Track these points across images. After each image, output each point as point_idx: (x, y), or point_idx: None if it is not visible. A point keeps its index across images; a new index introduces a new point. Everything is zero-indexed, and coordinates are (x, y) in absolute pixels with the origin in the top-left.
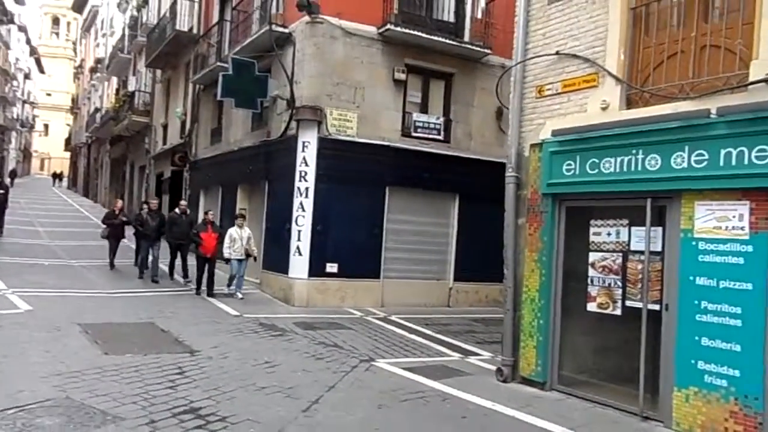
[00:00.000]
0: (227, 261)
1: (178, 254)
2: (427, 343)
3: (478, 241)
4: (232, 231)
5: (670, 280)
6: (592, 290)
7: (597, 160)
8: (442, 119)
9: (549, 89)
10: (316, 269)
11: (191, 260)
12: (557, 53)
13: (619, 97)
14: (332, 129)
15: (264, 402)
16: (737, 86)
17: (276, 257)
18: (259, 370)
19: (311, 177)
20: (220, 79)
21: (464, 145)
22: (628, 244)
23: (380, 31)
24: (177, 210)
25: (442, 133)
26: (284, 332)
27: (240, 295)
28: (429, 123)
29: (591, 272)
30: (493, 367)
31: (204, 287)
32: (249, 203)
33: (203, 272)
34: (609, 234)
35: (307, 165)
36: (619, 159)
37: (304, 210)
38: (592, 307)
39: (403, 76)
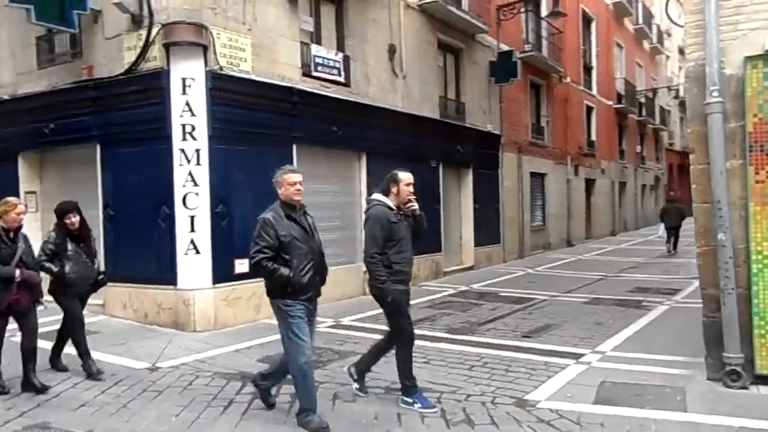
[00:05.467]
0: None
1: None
2: (480, 351)
3: None
4: None
5: None
6: None
7: None
8: (340, 56)
9: None
10: (221, 271)
11: None
12: None
13: None
14: (222, 60)
15: None
16: None
17: (143, 261)
18: None
19: (202, 133)
20: None
21: (363, 90)
22: None
23: None
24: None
25: (342, 73)
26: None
27: None
28: (329, 60)
29: None
30: (633, 368)
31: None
32: (42, 182)
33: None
34: None
35: (193, 114)
36: None
37: (196, 184)
38: None
39: None
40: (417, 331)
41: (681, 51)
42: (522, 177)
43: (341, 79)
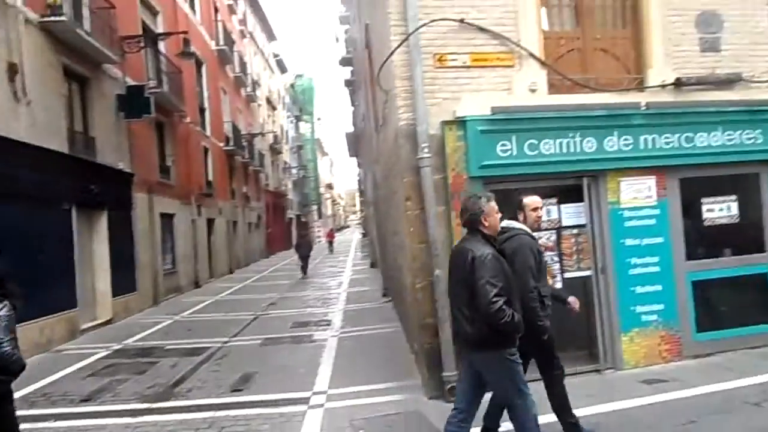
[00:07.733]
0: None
1: None
2: (204, 416)
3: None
4: None
5: (604, 246)
6: None
7: (536, 141)
8: None
9: (453, 60)
10: None
11: None
12: (462, 21)
13: (546, 81)
14: None
15: None
16: (637, 87)
17: None
18: None
19: None
20: None
21: None
22: (560, 221)
23: None
24: None
25: None
26: None
27: None
28: None
29: None
30: (361, 401)
31: None
32: None
33: None
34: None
35: None
36: (558, 141)
37: None
38: None
39: None
40: (101, 408)
41: (268, 101)
42: (154, 218)
43: None
